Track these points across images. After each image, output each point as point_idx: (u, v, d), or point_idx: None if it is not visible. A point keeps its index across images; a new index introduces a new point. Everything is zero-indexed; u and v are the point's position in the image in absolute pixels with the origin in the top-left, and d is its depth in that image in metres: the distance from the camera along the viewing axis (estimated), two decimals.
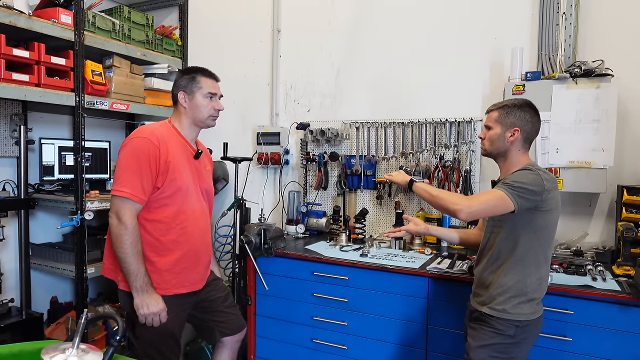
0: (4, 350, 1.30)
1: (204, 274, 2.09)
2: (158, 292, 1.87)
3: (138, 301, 1.81)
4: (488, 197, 1.68)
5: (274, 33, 3.45)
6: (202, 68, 2.05)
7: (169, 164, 1.86)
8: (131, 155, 1.83)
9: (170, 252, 1.91)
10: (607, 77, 2.36)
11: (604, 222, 2.59)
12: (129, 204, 1.80)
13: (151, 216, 1.89)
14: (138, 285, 1.80)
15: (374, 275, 2.40)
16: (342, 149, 3.22)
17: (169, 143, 1.90)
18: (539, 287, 1.73)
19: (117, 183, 1.82)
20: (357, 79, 3.23)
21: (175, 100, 2.02)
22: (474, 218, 1.70)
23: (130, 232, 1.79)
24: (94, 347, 1.14)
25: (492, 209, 1.66)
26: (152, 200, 1.87)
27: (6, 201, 2.80)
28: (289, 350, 2.65)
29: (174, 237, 1.92)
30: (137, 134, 1.88)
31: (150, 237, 1.89)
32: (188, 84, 1.99)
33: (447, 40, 2.94)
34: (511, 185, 1.65)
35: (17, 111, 2.96)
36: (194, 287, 2.02)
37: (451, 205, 1.70)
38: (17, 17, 2.48)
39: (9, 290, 2.96)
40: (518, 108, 1.77)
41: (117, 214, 1.80)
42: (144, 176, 1.81)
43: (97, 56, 3.05)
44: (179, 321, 1.98)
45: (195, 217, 1.99)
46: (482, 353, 1.73)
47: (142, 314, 1.82)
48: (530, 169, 1.71)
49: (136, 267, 1.80)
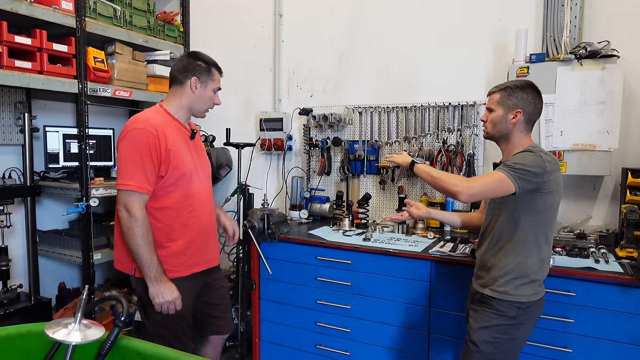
0: (12, 331, 1.34)
1: (215, 251, 2.15)
2: (176, 274, 1.93)
3: (153, 291, 1.85)
4: (488, 179, 1.68)
5: (276, 18, 3.43)
6: (215, 62, 2.05)
7: (170, 152, 1.87)
8: (131, 148, 1.83)
9: (182, 236, 1.95)
10: (613, 58, 2.33)
11: (608, 205, 2.58)
12: (136, 196, 1.82)
13: (159, 204, 1.91)
14: (152, 275, 1.83)
15: (376, 259, 2.42)
16: (344, 134, 3.22)
17: (167, 130, 1.90)
18: (540, 268, 1.74)
19: (121, 177, 1.83)
20: (359, 63, 3.21)
21: (181, 82, 1.98)
22: (474, 200, 1.70)
23: (140, 224, 1.81)
24: (96, 323, 1.16)
25: (492, 190, 1.66)
26: (158, 188, 1.89)
27: (12, 188, 2.82)
28: (293, 334, 2.68)
29: (183, 221, 1.95)
30: (133, 125, 1.86)
31: (161, 224, 1.92)
32: (203, 73, 1.98)
33: (450, 23, 2.91)
34: (512, 167, 1.64)
35: (21, 99, 2.97)
36: (208, 264, 2.09)
37: (452, 187, 1.70)
38: (19, 4, 2.48)
39: (18, 276, 3.01)
40: (520, 89, 1.75)
41: (126, 207, 1.81)
42: (147, 167, 1.82)
43: (99, 43, 3.05)
44: (189, 303, 2.02)
45: (201, 199, 2.03)
46: (483, 334, 1.75)
47: (158, 302, 1.86)
48: (532, 150, 1.70)
49: (149, 258, 1.82)
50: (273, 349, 2.77)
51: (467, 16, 2.86)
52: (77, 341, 1.09)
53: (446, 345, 2.29)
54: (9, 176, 2.91)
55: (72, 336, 1.10)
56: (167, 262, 1.91)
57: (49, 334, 1.10)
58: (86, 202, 2.78)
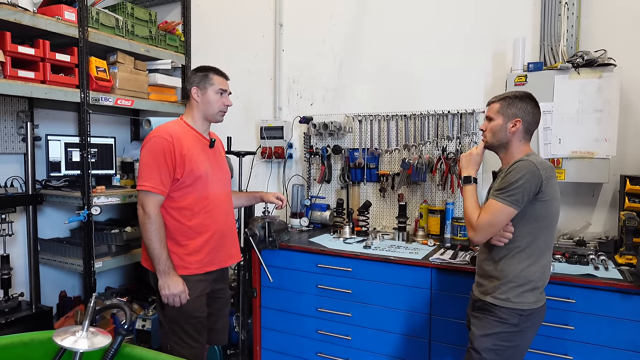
0: (16, 340, 1.34)
1: (230, 252, 2.25)
2: (192, 271, 2.07)
3: (161, 283, 1.99)
4: (489, 217, 1.70)
5: (276, 27, 3.46)
6: (214, 67, 2.20)
7: (185, 156, 2.03)
8: (149, 153, 2.01)
9: (198, 235, 2.09)
10: (610, 66, 2.36)
11: (607, 212, 2.60)
12: (151, 196, 1.99)
13: (176, 204, 2.06)
14: (161, 268, 1.98)
15: (377, 266, 2.42)
16: (345, 142, 3.24)
17: (183, 138, 2.06)
18: (542, 275, 1.75)
19: (139, 179, 2.02)
20: (359, 72, 3.24)
21: (187, 95, 2.16)
22: (485, 241, 1.76)
23: (153, 221, 1.97)
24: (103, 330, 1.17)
25: (499, 225, 1.71)
26: (175, 189, 2.04)
27: (14, 197, 2.84)
28: (294, 341, 2.68)
29: (199, 221, 2.09)
30: (154, 133, 2.05)
31: (178, 224, 2.06)
32: (201, 81, 2.14)
33: (449, 32, 2.94)
34: (504, 192, 1.67)
35: (24, 108, 2.99)
36: (223, 264, 2.21)
37: (468, 229, 1.81)
38: (22, 15, 2.51)
39: (19, 284, 3.01)
40: (519, 99, 1.78)
41: (142, 206, 1.99)
42: (162, 170, 1.99)
43: (101, 52, 3.08)
44: (201, 302, 2.12)
45: (217, 202, 2.15)
46: (486, 342, 1.75)
47: (164, 294, 2.00)
48: (524, 160, 1.71)
49: (159, 252, 1.97)
50: (274, 357, 2.77)
51: (466, 26, 2.89)
52: (85, 348, 1.11)
53: (447, 352, 2.29)
54: (11, 184, 2.92)
55: (80, 343, 1.12)
56: (184, 259, 2.06)
57: (57, 341, 1.11)
58: (88, 211, 2.79)
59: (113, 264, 3.08)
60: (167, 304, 2.03)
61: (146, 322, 3.05)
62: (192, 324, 2.08)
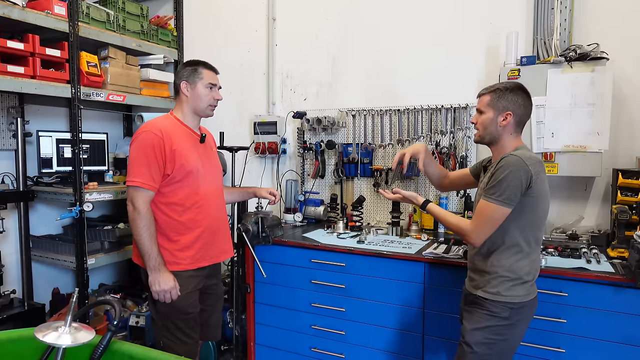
0: (3, 337, 1.33)
1: (223, 247, 2.24)
2: (183, 267, 2.05)
3: (151, 279, 1.98)
4: (485, 219, 1.69)
5: (269, 22, 3.44)
6: (204, 61, 2.18)
7: (175, 152, 2.00)
8: (138, 149, 1.99)
9: (189, 231, 2.08)
10: (602, 60, 2.35)
11: (600, 206, 2.60)
12: (141, 191, 1.97)
13: (167, 200, 2.04)
14: (151, 264, 1.97)
15: (371, 261, 2.42)
16: (338, 137, 3.23)
17: (173, 133, 2.04)
18: (531, 269, 1.75)
19: (129, 174, 2.00)
20: (352, 66, 3.23)
21: (177, 89, 2.15)
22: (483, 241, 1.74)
23: (143, 217, 1.96)
24: (87, 326, 1.16)
25: (495, 224, 1.69)
26: (165, 185, 2.03)
27: (5, 194, 2.81)
28: (288, 337, 2.68)
29: (191, 217, 2.08)
30: (143, 129, 2.03)
31: (169, 219, 2.05)
32: (190, 75, 2.12)
33: (442, 26, 2.93)
34: (494, 192, 1.66)
35: (14, 104, 2.96)
36: (215, 259, 2.20)
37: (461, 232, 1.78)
38: (11, 9, 2.47)
39: (11, 282, 2.99)
40: (510, 91, 1.76)
41: (132, 201, 1.97)
42: (152, 166, 1.97)
43: (92, 47, 3.04)
44: (193, 298, 2.11)
45: (208, 197, 2.14)
46: (477, 335, 1.76)
47: (154, 290, 1.99)
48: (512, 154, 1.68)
49: (149, 248, 1.96)
50: (268, 352, 2.76)
51: (459, 19, 2.89)
52: (67, 344, 1.09)
53: (441, 346, 2.29)
54: (2, 181, 2.90)
55: (63, 339, 1.11)
56: (175, 255, 2.05)
57: (39, 337, 1.10)
58: (80, 207, 2.77)
59: (106, 261, 3.06)
60: (160, 301, 2.02)
61: (140, 318, 3.03)
62: (185, 320, 2.07)
